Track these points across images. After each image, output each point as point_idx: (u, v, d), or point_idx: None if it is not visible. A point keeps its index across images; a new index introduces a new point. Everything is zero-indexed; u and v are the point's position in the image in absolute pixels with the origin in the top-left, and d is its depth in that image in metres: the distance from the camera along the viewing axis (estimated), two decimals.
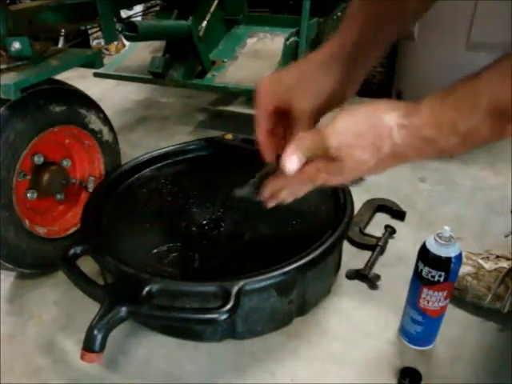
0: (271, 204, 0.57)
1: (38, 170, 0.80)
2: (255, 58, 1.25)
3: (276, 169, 0.53)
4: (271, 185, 0.54)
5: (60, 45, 1.39)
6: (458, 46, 1.23)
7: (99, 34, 1.77)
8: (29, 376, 0.67)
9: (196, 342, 0.71)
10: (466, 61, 1.23)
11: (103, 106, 0.91)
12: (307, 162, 0.49)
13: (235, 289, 0.60)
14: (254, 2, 1.47)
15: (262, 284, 0.63)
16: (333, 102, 0.54)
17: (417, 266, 0.63)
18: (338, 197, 0.78)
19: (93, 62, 0.84)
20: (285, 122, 0.56)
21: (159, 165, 0.95)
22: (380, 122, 0.44)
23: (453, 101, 0.41)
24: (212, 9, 1.25)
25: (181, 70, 1.21)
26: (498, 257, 0.75)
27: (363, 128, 0.44)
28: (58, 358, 0.70)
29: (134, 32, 0.95)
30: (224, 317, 0.58)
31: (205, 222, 0.81)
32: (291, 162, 0.48)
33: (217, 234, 0.79)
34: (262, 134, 0.56)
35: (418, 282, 0.63)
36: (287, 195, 0.55)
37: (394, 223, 0.95)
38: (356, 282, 0.82)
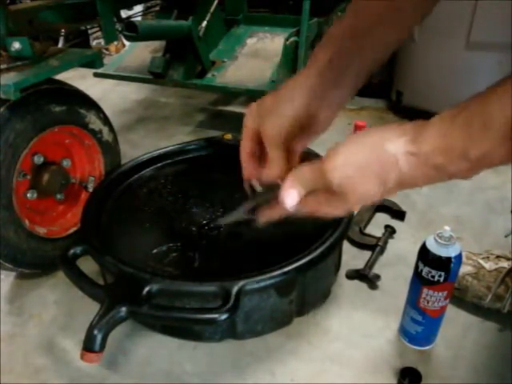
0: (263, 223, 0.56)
1: (38, 169, 0.80)
2: (255, 57, 1.25)
3: (269, 197, 0.51)
4: (268, 215, 0.54)
5: (60, 45, 1.39)
6: (458, 46, 1.23)
7: (99, 33, 1.76)
8: (29, 376, 0.67)
9: (196, 341, 0.71)
10: (466, 61, 1.24)
11: (103, 106, 0.91)
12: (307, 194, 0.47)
13: (235, 289, 0.60)
14: (254, 1, 1.47)
15: (262, 284, 0.62)
16: (304, 124, 0.52)
17: (417, 266, 0.63)
18: None
19: (93, 61, 0.84)
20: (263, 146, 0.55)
21: (159, 165, 0.95)
22: (384, 152, 0.41)
23: (462, 124, 0.38)
24: (212, 9, 1.25)
25: (181, 70, 1.21)
26: (498, 257, 0.75)
27: (367, 160, 0.42)
28: (58, 358, 0.70)
29: (134, 32, 0.95)
30: (224, 317, 0.58)
31: (205, 221, 0.81)
32: (290, 196, 0.46)
33: (217, 234, 0.79)
34: (243, 154, 0.56)
35: (418, 281, 0.63)
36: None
37: (394, 223, 0.95)
38: (356, 282, 0.82)
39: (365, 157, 0.42)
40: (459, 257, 0.60)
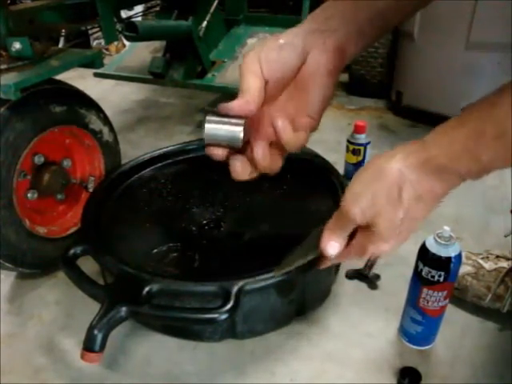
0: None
1: (39, 170, 0.80)
2: None
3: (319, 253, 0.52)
4: (321, 266, 0.56)
5: (60, 45, 1.40)
6: (457, 46, 1.23)
7: (99, 34, 1.77)
8: (29, 376, 0.67)
9: (196, 341, 0.71)
10: (466, 61, 1.24)
11: (103, 106, 0.91)
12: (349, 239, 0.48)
13: (235, 289, 0.60)
14: (254, 2, 1.47)
15: (262, 284, 0.62)
16: (296, 66, 0.47)
17: (417, 266, 0.63)
18: (338, 196, 0.78)
19: (93, 61, 0.84)
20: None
21: (159, 165, 0.95)
22: (390, 169, 0.42)
23: (470, 133, 0.38)
24: (212, 9, 1.25)
25: (181, 70, 1.21)
26: (497, 257, 0.75)
27: (375, 186, 0.43)
28: (58, 358, 0.70)
29: (134, 32, 0.95)
30: (224, 317, 0.58)
31: (205, 221, 0.81)
32: (332, 247, 0.48)
33: (217, 233, 0.79)
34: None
35: (418, 281, 0.63)
36: None
37: None
38: (356, 281, 0.82)
39: (372, 183, 0.43)
40: (459, 257, 0.60)
